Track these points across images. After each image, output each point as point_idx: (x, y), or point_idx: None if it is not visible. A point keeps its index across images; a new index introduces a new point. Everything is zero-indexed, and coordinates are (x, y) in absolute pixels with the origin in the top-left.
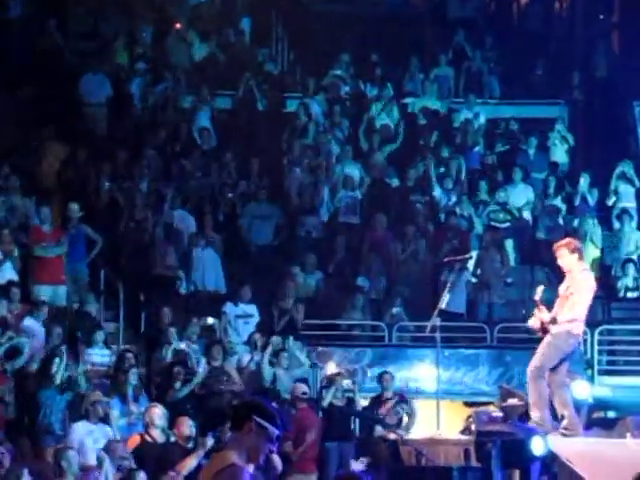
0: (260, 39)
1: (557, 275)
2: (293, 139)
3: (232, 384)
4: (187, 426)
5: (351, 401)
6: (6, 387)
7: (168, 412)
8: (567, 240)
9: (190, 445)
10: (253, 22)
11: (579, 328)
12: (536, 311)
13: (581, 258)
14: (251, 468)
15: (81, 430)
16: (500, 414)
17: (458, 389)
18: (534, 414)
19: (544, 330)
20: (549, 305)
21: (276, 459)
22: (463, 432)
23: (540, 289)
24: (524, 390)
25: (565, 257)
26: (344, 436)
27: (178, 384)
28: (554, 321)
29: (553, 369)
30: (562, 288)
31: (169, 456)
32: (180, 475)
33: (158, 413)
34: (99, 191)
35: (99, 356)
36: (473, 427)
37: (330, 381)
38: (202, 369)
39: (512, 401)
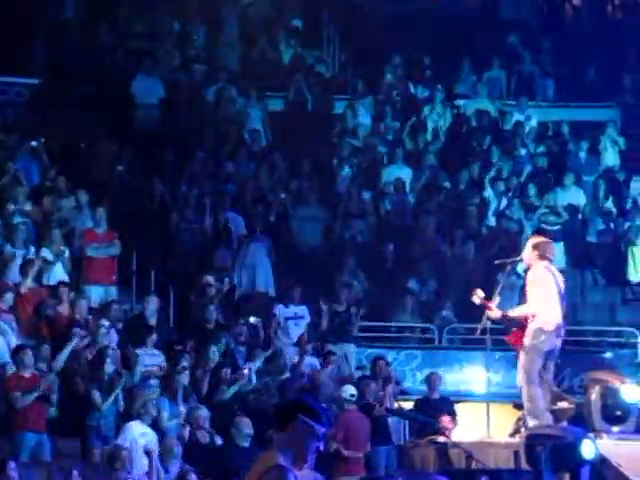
0: (311, 40)
1: (605, 277)
2: (341, 141)
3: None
4: (246, 425)
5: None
6: (51, 385)
7: (217, 413)
8: (534, 237)
9: (245, 444)
10: (304, 23)
11: (548, 324)
12: (488, 313)
13: (542, 257)
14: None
15: (134, 430)
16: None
17: (508, 392)
18: (531, 422)
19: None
20: None
21: None
22: (513, 435)
23: (479, 291)
24: (573, 393)
25: (526, 252)
26: (384, 439)
27: (224, 386)
28: (505, 316)
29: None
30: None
31: (214, 457)
32: None
33: (202, 415)
34: (151, 192)
35: (150, 357)
36: (523, 430)
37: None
38: (248, 371)
39: (562, 404)
